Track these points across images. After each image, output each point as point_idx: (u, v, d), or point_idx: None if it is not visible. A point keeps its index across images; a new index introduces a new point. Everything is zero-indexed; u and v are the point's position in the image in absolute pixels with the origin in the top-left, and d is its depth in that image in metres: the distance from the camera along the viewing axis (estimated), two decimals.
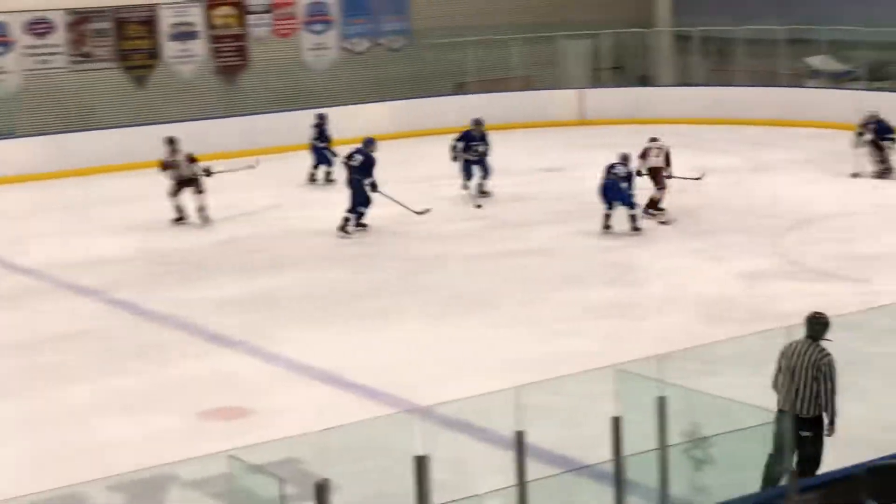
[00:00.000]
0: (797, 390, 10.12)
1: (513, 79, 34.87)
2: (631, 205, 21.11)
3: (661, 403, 8.74)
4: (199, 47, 33.13)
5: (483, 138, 24.64)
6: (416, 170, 27.52)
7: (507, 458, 8.51)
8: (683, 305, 16.83)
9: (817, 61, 33.40)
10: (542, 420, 10.46)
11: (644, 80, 37.01)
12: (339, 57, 34.82)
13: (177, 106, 31.94)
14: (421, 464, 7.85)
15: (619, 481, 8.08)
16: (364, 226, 21.99)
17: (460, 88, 35.10)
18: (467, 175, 24.35)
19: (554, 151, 29.61)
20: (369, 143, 22.48)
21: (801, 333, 10.27)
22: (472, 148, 24.32)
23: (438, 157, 28.25)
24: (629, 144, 28.97)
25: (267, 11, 33.98)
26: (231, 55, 33.55)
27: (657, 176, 22.33)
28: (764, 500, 8.75)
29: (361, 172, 21.96)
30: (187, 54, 33.02)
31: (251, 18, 33.77)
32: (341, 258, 20.26)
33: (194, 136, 26.12)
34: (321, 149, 27.00)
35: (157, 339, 16.38)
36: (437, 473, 7.89)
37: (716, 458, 8.33)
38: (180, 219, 23.08)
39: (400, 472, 8.00)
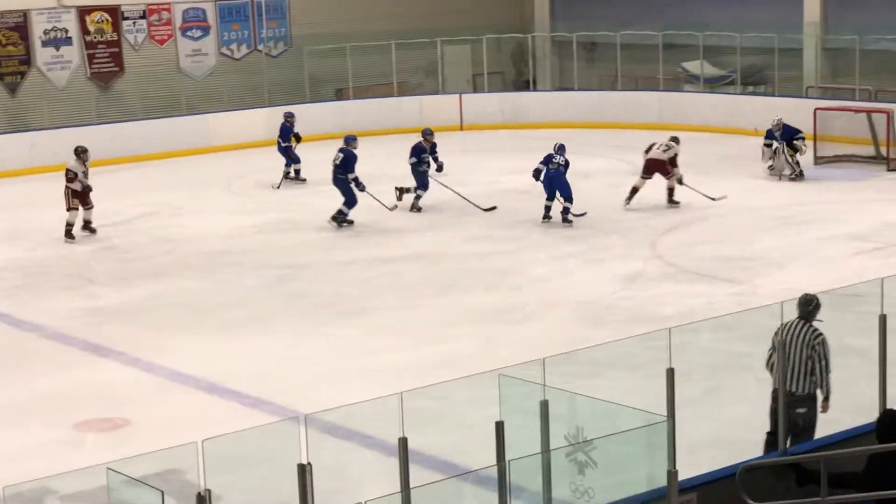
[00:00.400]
0: (792, 369, 10.50)
1: (393, 85, 34.85)
2: (567, 197, 21.84)
3: (544, 407, 8.76)
4: (73, 54, 32.61)
5: (433, 149, 24.52)
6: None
7: (391, 464, 8.48)
8: (563, 309, 16.93)
9: (693, 66, 33.85)
10: (426, 426, 10.43)
11: (523, 85, 37.23)
12: (218, 63, 34.52)
13: (50, 113, 31.43)
14: (304, 472, 7.78)
15: (503, 486, 8.08)
16: (349, 222, 22.25)
17: (340, 95, 35.01)
18: (424, 186, 23.85)
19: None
20: (350, 140, 22.84)
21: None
22: (423, 161, 23.96)
23: (317, 164, 28.09)
24: (509, 149, 29.20)
25: (142, 17, 33.57)
26: (106, 62, 33.08)
27: (655, 168, 23.14)
28: (646, 501, 8.81)
29: (344, 169, 22.31)
30: (61, 61, 32.48)
31: (126, 24, 33.32)
32: (217, 266, 20.07)
33: (68, 143, 25.69)
34: (285, 148, 27.08)
35: (33, 350, 16.10)
36: (320, 481, 7.83)
37: (598, 461, 8.37)
38: (72, 233, 22.07)
39: (283, 481, 7.93)
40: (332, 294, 18.21)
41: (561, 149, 22.41)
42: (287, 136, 27.25)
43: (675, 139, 23.64)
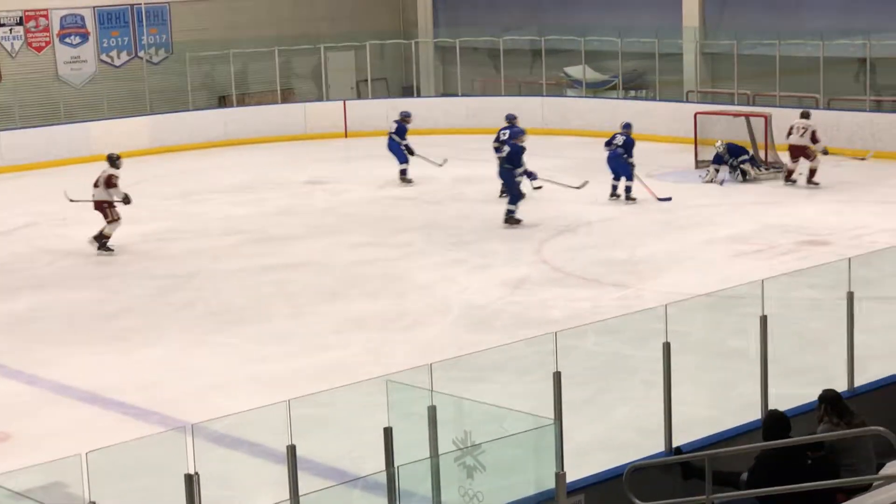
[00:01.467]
0: None
1: (276, 91, 34.69)
2: (628, 176, 23.18)
3: (432, 412, 8.78)
4: None
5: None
6: (175, 185, 27.16)
7: (280, 472, 8.45)
8: (450, 315, 16.97)
9: (575, 71, 34.14)
10: (314, 433, 10.41)
11: (407, 91, 37.28)
12: (97, 70, 34.08)
13: None
14: (191, 482, 7.72)
15: (392, 491, 8.08)
16: (517, 221, 22.18)
17: (223, 102, 34.77)
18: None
19: (317, 164, 29.56)
20: (518, 133, 23.55)
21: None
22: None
23: (200, 172, 28.00)
24: (391, 155, 29.16)
25: (19, 24, 33.04)
26: None
27: (798, 153, 24.11)
28: (534, 503, 8.87)
29: (511, 162, 22.54)
30: None
31: (2, 31, 32.77)
32: (100, 277, 19.82)
33: None
34: (398, 145, 27.04)
35: None
36: (208, 491, 7.78)
37: (487, 465, 8.40)
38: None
39: (170, 492, 7.86)
40: (219, 302, 18.07)
41: (626, 127, 23.89)
42: (404, 135, 27.21)
43: (806, 114, 24.84)
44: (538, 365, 10.45)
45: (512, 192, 22.45)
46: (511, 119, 25.01)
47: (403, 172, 26.77)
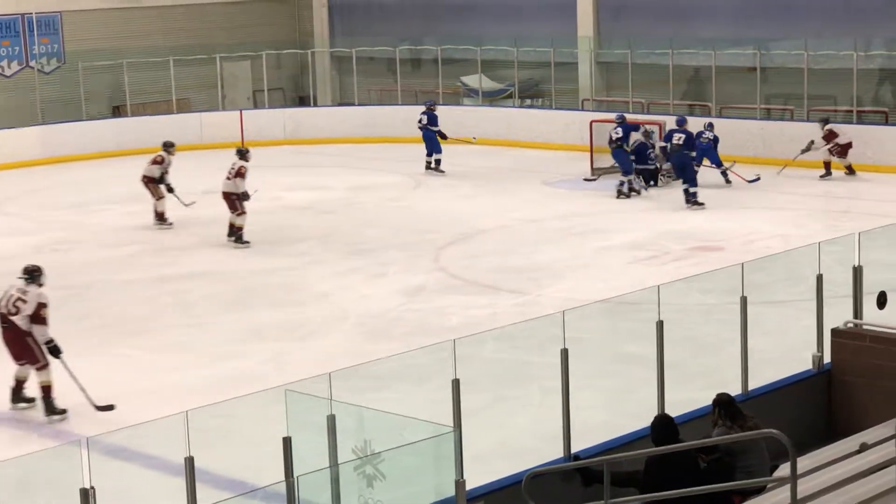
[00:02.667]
0: None
1: (171, 101, 34.39)
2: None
3: (331, 421, 8.77)
4: None
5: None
6: (69, 196, 26.82)
7: (178, 484, 8.38)
8: (348, 323, 16.95)
9: (472, 80, 34.27)
10: (213, 444, 10.34)
11: (303, 101, 37.18)
12: None
13: None
14: (87, 496, 7.64)
15: (292, 501, 8.06)
16: (701, 203, 23.61)
17: (117, 112, 34.41)
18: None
19: (213, 174, 29.29)
20: (682, 121, 24.98)
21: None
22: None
23: (93, 183, 27.67)
24: (291, 165, 29.13)
25: None
26: None
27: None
28: None
29: (689, 147, 24.16)
30: None
31: None
32: None
33: None
34: (432, 133, 27.92)
35: None
36: None
37: (387, 473, 8.41)
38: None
39: None
40: (116, 314, 17.88)
41: (680, 122, 24.92)
42: (436, 123, 27.98)
43: (825, 120, 26.15)
44: (437, 373, 10.48)
45: (690, 176, 23.94)
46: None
47: (438, 163, 27.89)
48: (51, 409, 13.69)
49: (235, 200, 21.70)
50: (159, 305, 18.25)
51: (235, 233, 21.67)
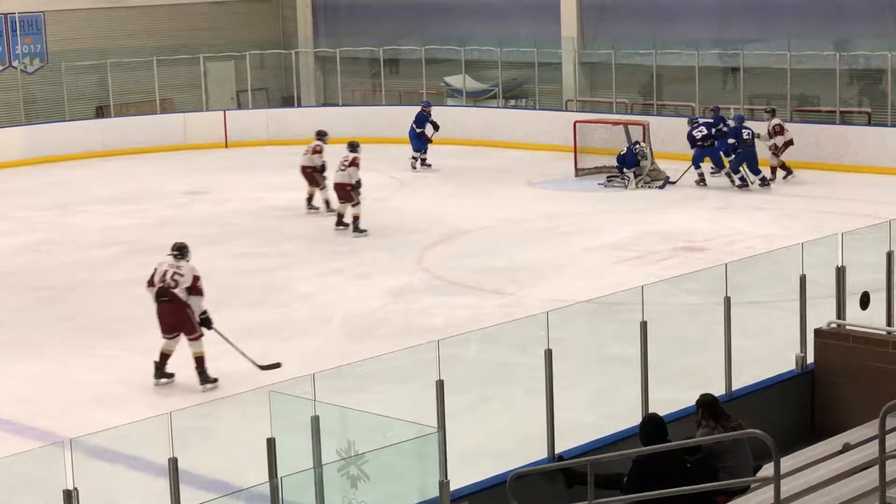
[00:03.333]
0: None
1: (154, 101, 34.32)
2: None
3: (315, 422, 8.77)
4: None
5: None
6: (52, 197, 26.75)
7: (162, 485, 8.37)
8: (331, 324, 16.94)
9: (456, 80, 34.29)
10: (196, 445, 10.33)
11: (287, 101, 37.15)
12: None
13: None
14: (70, 498, 7.63)
15: (276, 502, 8.05)
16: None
17: (101, 112, 34.34)
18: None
19: (197, 174, 29.33)
20: (742, 118, 25.75)
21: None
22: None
23: (77, 183, 27.60)
24: (274, 165, 29.13)
25: None
26: None
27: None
28: None
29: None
30: None
31: None
32: None
33: None
34: (418, 133, 28.14)
35: None
36: None
37: (371, 474, 8.41)
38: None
39: None
40: (100, 315, 17.85)
41: (740, 119, 25.69)
42: (422, 123, 28.21)
43: (772, 111, 26.22)
44: (421, 373, 10.48)
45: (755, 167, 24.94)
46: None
47: (423, 161, 28.31)
48: (205, 378, 14.52)
49: (350, 191, 22.12)
50: (143, 306, 18.16)
51: (354, 223, 22.23)
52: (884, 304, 12.01)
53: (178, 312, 14.81)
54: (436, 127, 28.25)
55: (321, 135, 24.29)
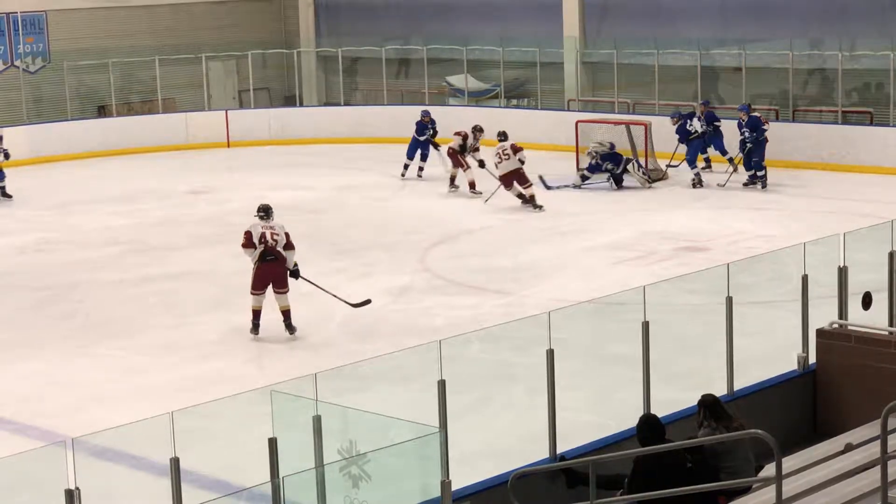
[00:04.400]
0: None
1: (156, 101, 34.33)
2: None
3: (317, 422, 8.76)
4: None
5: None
6: (54, 196, 26.76)
7: (164, 485, 8.37)
8: (333, 323, 16.93)
9: (457, 80, 34.27)
10: (198, 445, 10.32)
11: (289, 101, 37.15)
12: None
13: None
14: (72, 497, 7.63)
15: (277, 502, 8.05)
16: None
17: (103, 112, 34.33)
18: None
19: (199, 174, 29.33)
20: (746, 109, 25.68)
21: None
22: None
23: (79, 183, 27.60)
24: (276, 165, 29.14)
25: None
26: None
27: None
28: None
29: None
30: None
31: None
32: None
33: None
34: (423, 143, 27.69)
35: None
36: None
37: (372, 474, 8.40)
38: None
39: None
40: (100, 314, 17.85)
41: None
42: (422, 132, 27.72)
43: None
44: (422, 373, 10.48)
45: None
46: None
47: (419, 169, 27.74)
48: (292, 328, 16.24)
49: (521, 175, 23.85)
50: (144, 306, 18.22)
51: (532, 202, 23.77)
52: (886, 304, 12.01)
53: (280, 268, 16.22)
54: (436, 146, 27.74)
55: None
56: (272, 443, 8.55)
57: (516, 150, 23.85)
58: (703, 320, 15.01)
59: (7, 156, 26.41)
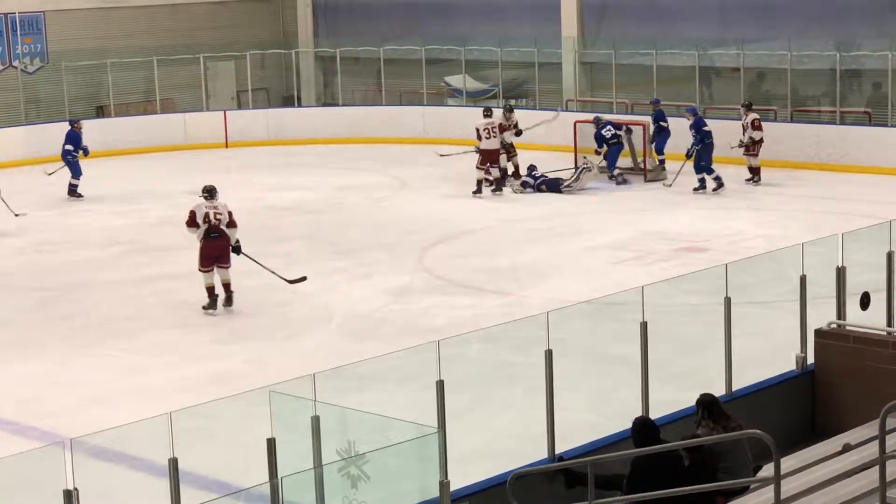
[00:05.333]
0: None
1: (155, 101, 34.31)
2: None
3: (315, 423, 8.77)
4: None
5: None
6: (51, 197, 26.72)
7: (162, 486, 8.37)
8: (331, 324, 16.94)
9: (456, 80, 34.26)
10: (197, 445, 10.32)
11: (288, 101, 37.14)
12: None
13: None
14: (70, 498, 7.63)
15: (276, 502, 8.05)
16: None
17: (101, 112, 34.32)
18: None
19: (198, 174, 29.27)
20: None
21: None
22: None
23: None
24: (274, 165, 29.13)
25: None
26: None
27: None
28: None
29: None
30: None
31: None
32: None
33: None
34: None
35: None
36: None
37: (371, 474, 8.41)
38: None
39: None
40: (100, 314, 17.85)
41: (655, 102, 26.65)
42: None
43: (748, 105, 25.97)
44: (421, 373, 10.48)
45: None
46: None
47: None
48: (231, 301, 17.46)
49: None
50: (143, 306, 18.22)
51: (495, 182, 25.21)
52: (884, 304, 12.02)
53: (224, 244, 17.34)
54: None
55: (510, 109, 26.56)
56: (271, 443, 8.56)
57: (503, 129, 24.56)
58: (701, 320, 15.01)
59: (86, 151, 26.64)
